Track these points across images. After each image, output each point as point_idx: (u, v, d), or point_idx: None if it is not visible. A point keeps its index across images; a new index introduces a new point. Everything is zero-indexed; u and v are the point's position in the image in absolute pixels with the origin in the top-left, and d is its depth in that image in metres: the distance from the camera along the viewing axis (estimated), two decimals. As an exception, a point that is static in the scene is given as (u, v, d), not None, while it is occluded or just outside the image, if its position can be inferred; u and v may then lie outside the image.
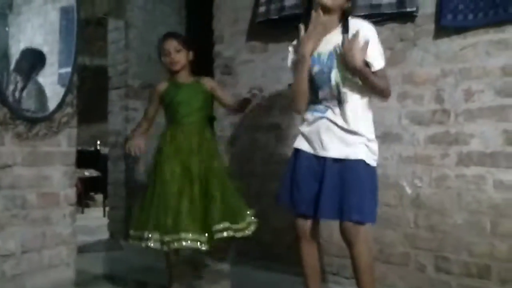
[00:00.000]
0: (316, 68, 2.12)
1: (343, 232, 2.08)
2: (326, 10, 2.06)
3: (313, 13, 2.05)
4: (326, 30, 2.11)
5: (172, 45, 2.67)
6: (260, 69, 3.37)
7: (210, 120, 2.88)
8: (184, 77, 2.74)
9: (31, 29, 2.82)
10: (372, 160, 2.11)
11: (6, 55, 2.67)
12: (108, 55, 4.65)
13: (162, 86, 2.76)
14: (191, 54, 2.73)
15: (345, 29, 2.07)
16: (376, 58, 2.05)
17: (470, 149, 2.56)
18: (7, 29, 2.68)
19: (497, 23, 2.46)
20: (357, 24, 2.07)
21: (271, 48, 3.35)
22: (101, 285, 2.88)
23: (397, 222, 2.78)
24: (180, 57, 2.68)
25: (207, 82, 2.77)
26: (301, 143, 2.21)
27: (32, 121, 2.62)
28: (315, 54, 2.12)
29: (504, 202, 2.45)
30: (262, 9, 3.27)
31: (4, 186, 2.50)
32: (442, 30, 2.64)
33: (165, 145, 2.66)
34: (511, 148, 2.44)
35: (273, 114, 3.36)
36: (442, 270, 2.62)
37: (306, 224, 2.18)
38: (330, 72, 2.09)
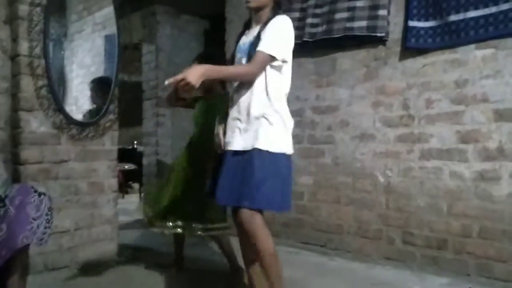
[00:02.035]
0: (238, 56, 1.78)
1: (236, 218, 1.66)
2: (254, 9, 1.74)
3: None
4: (257, 23, 1.74)
5: None
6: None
7: None
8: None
9: (81, 52, 2.84)
10: (274, 147, 1.63)
11: (62, 73, 2.69)
12: (142, 73, 4.66)
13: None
14: None
15: (265, 24, 1.68)
16: (266, 41, 1.63)
17: (430, 146, 2.55)
18: (62, 52, 2.70)
19: (451, 45, 2.44)
20: (277, 17, 1.69)
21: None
22: (138, 256, 2.88)
23: (372, 204, 2.78)
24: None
25: None
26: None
27: (82, 126, 2.63)
28: (241, 43, 1.79)
29: (457, 189, 2.43)
30: None
31: (61, 177, 2.52)
32: (407, 51, 2.63)
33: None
34: (463, 145, 2.42)
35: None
36: (408, 243, 2.61)
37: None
38: (243, 60, 1.73)
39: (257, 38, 1.67)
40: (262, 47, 1.62)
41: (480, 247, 2.34)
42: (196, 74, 1.52)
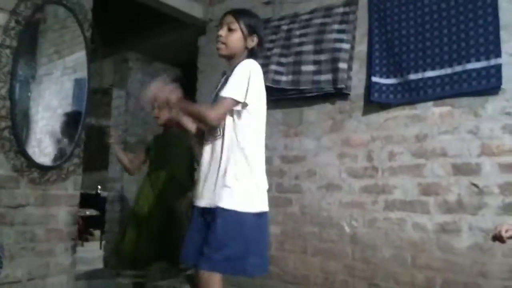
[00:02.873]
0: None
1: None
2: (225, 57, 1.76)
3: None
4: (231, 71, 1.70)
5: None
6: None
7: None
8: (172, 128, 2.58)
9: (49, 95, 2.81)
10: (240, 206, 1.54)
11: (26, 115, 2.63)
12: (111, 117, 4.63)
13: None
14: None
15: (232, 72, 1.67)
16: (229, 85, 1.61)
17: (394, 197, 2.60)
18: (29, 94, 2.66)
19: (411, 102, 2.58)
20: (244, 61, 1.68)
21: (241, 116, 3.40)
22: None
23: (338, 254, 2.77)
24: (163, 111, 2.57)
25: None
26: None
27: (44, 169, 2.55)
28: (217, 91, 1.76)
29: (420, 240, 2.48)
30: None
31: (17, 223, 2.39)
32: (371, 105, 2.74)
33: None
34: (425, 197, 2.49)
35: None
36: (375, 295, 2.60)
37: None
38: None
39: (224, 84, 1.66)
40: (224, 92, 1.60)
41: (443, 299, 2.36)
42: (168, 91, 1.56)
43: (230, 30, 1.72)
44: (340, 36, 2.84)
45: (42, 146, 2.71)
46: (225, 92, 1.59)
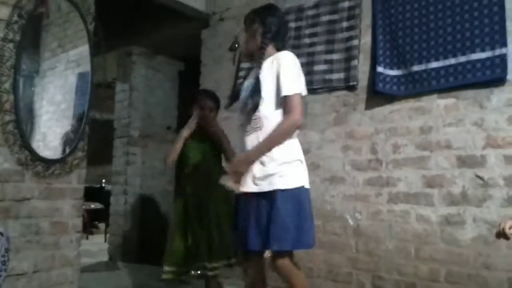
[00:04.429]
0: (241, 97, 1.83)
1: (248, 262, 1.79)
2: (249, 55, 1.87)
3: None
4: (257, 65, 1.80)
5: (211, 105, 2.56)
6: (235, 123, 3.39)
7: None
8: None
9: (53, 89, 2.81)
10: (287, 184, 1.65)
11: (30, 110, 2.64)
12: (115, 111, 4.63)
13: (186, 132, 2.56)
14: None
15: (260, 64, 1.76)
16: (284, 84, 1.67)
17: (397, 190, 2.60)
18: (33, 88, 2.66)
19: (415, 94, 2.57)
20: (276, 56, 1.76)
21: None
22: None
23: (342, 247, 2.77)
24: (213, 115, 2.58)
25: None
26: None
27: (48, 162, 2.56)
28: (245, 85, 1.85)
29: (424, 232, 2.47)
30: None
31: (22, 216, 2.41)
32: (375, 98, 2.73)
33: (182, 186, 2.56)
34: (429, 189, 2.49)
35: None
36: (378, 287, 2.60)
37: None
38: (248, 99, 1.75)
39: (257, 81, 1.72)
40: (285, 91, 1.66)
41: (447, 291, 2.36)
42: (243, 164, 1.66)
43: (246, 30, 1.87)
44: (350, 33, 2.87)
45: (47, 140, 2.72)
46: (287, 91, 1.66)
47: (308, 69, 3.01)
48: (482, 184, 2.32)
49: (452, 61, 2.41)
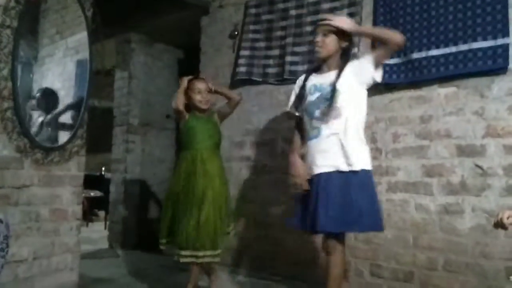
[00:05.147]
0: (316, 95, 2.02)
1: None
2: (324, 59, 2.04)
3: None
4: (329, 69, 2.03)
5: (203, 85, 2.58)
6: (236, 112, 3.37)
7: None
8: (202, 111, 2.61)
9: (51, 76, 2.81)
10: (367, 165, 1.94)
11: (29, 97, 2.63)
12: (114, 99, 4.62)
13: (186, 115, 2.60)
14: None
15: (340, 70, 1.99)
16: (364, 59, 2.01)
17: (397, 179, 2.61)
18: (31, 75, 2.65)
19: (415, 82, 2.55)
20: (350, 63, 2.02)
21: (244, 96, 3.38)
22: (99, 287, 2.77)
23: (341, 236, 2.78)
24: (209, 97, 2.60)
25: (216, 115, 2.68)
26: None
27: (48, 150, 2.56)
28: (318, 84, 2.03)
29: (423, 221, 2.49)
30: (242, 69, 3.30)
31: (22, 203, 2.42)
32: (375, 87, 2.70)
33: (183, 166, 2.51)
34: (428, 179, 2.50)
35: (244, 148, 3.38)
36: (376, 275, 2.62)
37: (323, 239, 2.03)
38: (328, 95, 1.96)
39: (334, 87, 1.95)
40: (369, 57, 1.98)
41: (445, 280, 2.38)
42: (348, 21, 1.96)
43: (325, 35, 2.01)
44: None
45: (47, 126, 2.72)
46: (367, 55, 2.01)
47: (309, 58, 3.00)
48: (481, 173, 2.33)
49: (453, 49, 2.39)
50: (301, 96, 2.11)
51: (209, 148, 2.55)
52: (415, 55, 2.51)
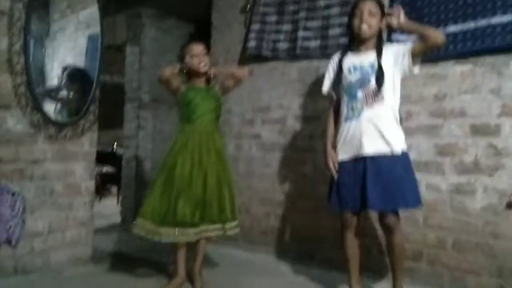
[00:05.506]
0: (356, 75, 2.06)
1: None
2: (366, 38, 2.06)
3: None
4: (366, 48, 2.07)
5: (200, 48, 2.42)
6: (247, 89, 3.37)
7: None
8: (201, 82, 2.45)
9: (63, 51, 2.81)
10: (405, 147, 2.04)
11: (42, 72, 2.65)
12: (125, 74, 4.62)
13: (182, 87, 2.43)
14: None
15: (379, 50, 2.04)
16: (404, 46, 2.04)
17: (408, 158, 2.59)
18: (43, 50, 2.66)
19: (431, 60, 2.49)
20: (387, 47, 2.09)
21: (255, 73, 3.36)
22: (113, 261, 2.84)
23: (350, 214, 2.79)
24: (207, 60, 2.43)
25: (217, 87, 2.48)
26: (340, 155, 2.11)
27: (60, 125, 2.59)
28: (356, 64, 2.07)
29: (433, 201, 2.48)
30: (252, 43, 3.25)
31: (36, 177, 2.47)
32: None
33: (180, 141, 2.38)
34: (440, 158, 2.48)
35: (255, 125, 3.37)
36: (384, 253, 2.64)
37: (353, 219, 2.12)
38: (370, 77, 2.01)
39: (379, 67, 2.00)
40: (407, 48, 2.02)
41: (454, 259, 2.39)
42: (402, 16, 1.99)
43: (371, 14, 2.04)
44: None
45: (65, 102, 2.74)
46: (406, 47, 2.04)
47: (323, 33, 2.94)
48: (495, 153, 2.30)
49: (472, 24, 2.32)
50: (338, 77, 2.13)
51: (209, 123, 2.40)
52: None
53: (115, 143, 7.10)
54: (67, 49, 2.83)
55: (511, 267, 2.22)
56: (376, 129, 2.00)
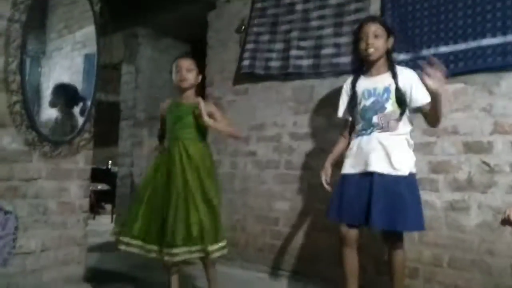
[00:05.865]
0: (371, 99, 2.07)
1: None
2: (375, 60, 2.07)
3: None
4: (378, 72, 2.09)
5: (185, 64, 2.30)
6: (242, 107, 3.41)
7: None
8: (189, 97, 2.32)
9: (59, 70, 2.82)
10: (413, 169, 2.04)
11: (38, 90, 2.66)
12: (121, 93, 4.66)
13: (165, 104, 2.40)
14: (199, 77, 2.37)
15: (393, 73, 2.05)
16: (425, 93, 1.95)
17: (403, 175, 2.60)
18: (40, 69, 2.67)
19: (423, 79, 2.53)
20: (401, 70, 2.09)
21: (250, 91, 3.40)
22: (106, 280, 2.80)
23: (346, 232, 2.78)
24: (190, 76, 2.30)
25: (197, 110, 2.22)
26: (346, 168, 2.12)
27: (55, 143, 2.59)
28: (371, 89, 2.08)
29: (428, 218, 2.47)
30: (246, 62, 3.30)
31: (30, 196, 2.45)
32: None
33: (155, 159, 2.33)
34: (434, 175, 2.49)
35: (250, 143, 3.38)
36: (381, 272, 2.62)
37: (352, 233, 2.10)
38: (385, 103, 2.03)
39: (397, 89, 2.02)
40: (426, 100, 1.98)
41: (450, 276, 2.38)
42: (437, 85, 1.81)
43: (376, 36, 2.05)
44: (358, 16, 2.82)
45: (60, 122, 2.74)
46: (426, 98, 1.97)
47: (315, 52, 2.99)
48: (488, 170, 2.32)
49: (462, 46, 2.37)
50: (353, 101, 2.15)
51: (187, 139, 2.24)
52: (424, 52, 2.50)
53: (110, 161, 7.08)
54: (63, 68, 2.84)
55: (507, 285, 2.22)
56: (384, 151, 2.01)
